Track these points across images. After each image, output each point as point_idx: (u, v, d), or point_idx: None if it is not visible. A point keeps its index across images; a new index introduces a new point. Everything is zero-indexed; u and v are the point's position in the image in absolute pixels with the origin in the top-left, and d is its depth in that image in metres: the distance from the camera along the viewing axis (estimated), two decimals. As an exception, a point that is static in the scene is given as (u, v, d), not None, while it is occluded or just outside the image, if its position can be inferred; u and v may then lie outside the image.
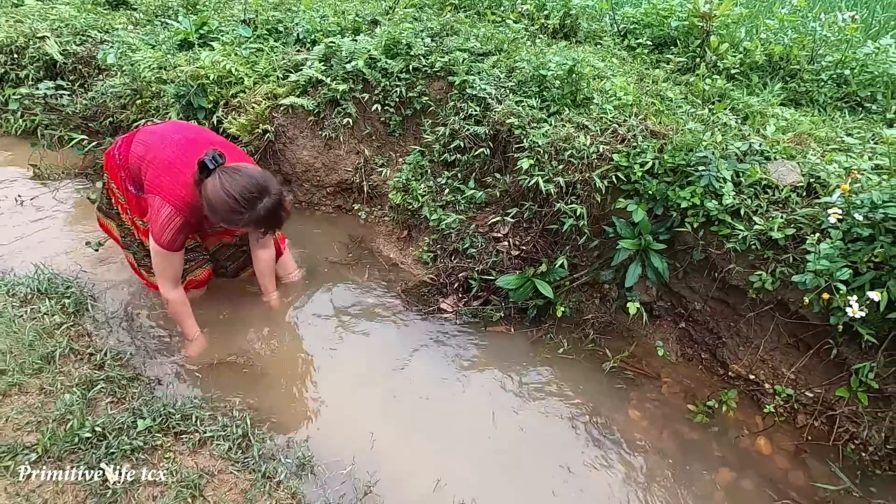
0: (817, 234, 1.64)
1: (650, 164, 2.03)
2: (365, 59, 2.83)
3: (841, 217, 1.56)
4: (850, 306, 1.46)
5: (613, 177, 2.12)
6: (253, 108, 2.83)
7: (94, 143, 3.06)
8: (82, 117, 3.23)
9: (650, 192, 2.04)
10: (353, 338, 2.26)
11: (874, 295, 1.44)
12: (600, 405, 2.05)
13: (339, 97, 2.83)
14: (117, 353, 2.01)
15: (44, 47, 3.49)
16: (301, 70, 2.91)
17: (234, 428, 1.74)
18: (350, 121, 2.83)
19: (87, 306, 2.23)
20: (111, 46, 3.35)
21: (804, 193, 1.80)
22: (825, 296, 1.57)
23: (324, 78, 2.84)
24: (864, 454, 1.86)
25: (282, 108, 2.88)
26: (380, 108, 2.81)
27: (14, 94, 3.43)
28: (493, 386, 2.09)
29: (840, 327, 1.60)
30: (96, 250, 2.56)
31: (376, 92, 2.83)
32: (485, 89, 2.57)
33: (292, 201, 3.16)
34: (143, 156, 1.89)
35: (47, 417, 1.66)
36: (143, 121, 2.96)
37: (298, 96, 2.85)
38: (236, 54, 3.05)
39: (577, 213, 2.18)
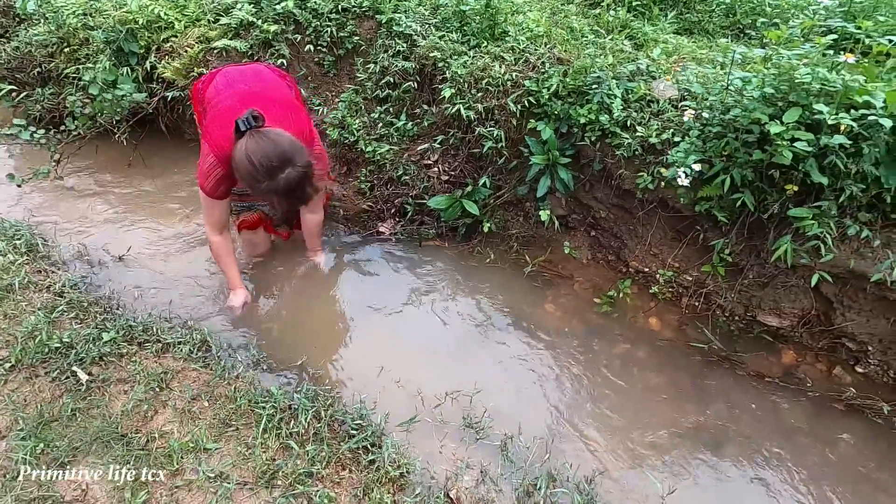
0: (684, 135, 1.96)
1: (555, 87, 2.28)
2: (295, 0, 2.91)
3: (695, 115, 1.87)
4: (680, 176, 1.79)
5: (525, 101, 2.37)
6: (186, 51, 2.88)
7: (24, 94, 3.04)
8: (7, 68, 3.17)
9: (556, 113, 2.30)
10: (302, 259, 2.47)
11: (696, 166, 1.78)
12: (521, 302, 2.37)
13: (271, 39, 2.91)
14: (75, 283, 2.15)
15: (-46, -3, 3.34)
16: (231, 13, 2.96)
17: (193, 335, 1.96)
18: (284, 62, 2.93)
19: (38, 247, 2.34)
20: (29, -6, 3.25)
21: (678, 104, 2.10)
22: (662, 170, 1.92)
23: (255, 20, 2.91)
24: (731, 323, 2.27)
25: (215, 52, 2.94)
26: (312, 48, 2.92)
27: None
28: (427, 291, 2.37)
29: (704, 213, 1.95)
30: (19, 185, 2.59)
31: (308, 33, 2.93)
32: (410, 26, 2.73)
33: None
34: (211, 98, 1.91)
35: (15, 335, 1.82)
36: (74, 68, 2.96)
37: (231, 39, 2.91)
38: (164, -2, 3.05)
39: (496, 136, 2.42)
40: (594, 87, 2.17)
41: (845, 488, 1.74)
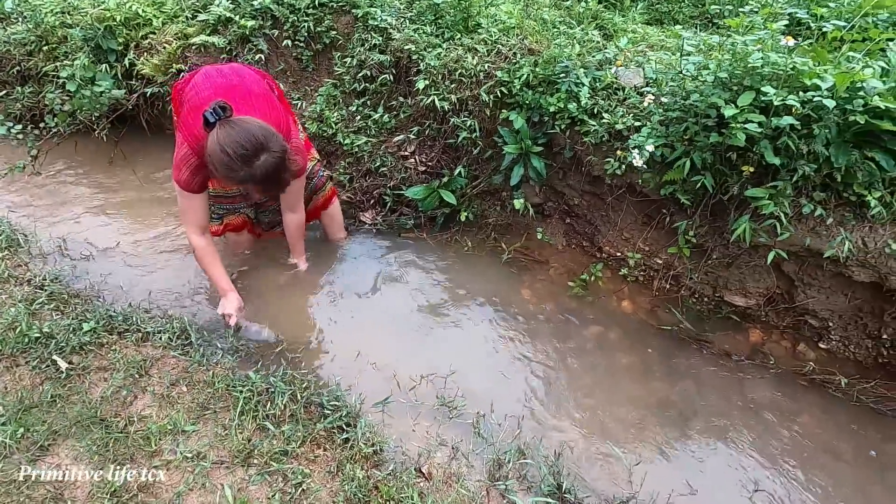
0: (646, 121, 2.02)
1: (526, 77, 2.34)
2: (272, -5, 2.94)
3: (655, 100, 1.93)
4: (635, 157, 1.85)
5: (498, 91, 2.42)
6: (164, 48, 2.91)
7: (3, 93, 3.06)
8: (-13, 68, 3.19)
9: (528, 102, 2.35)
10: (284, 246, 2.49)
11: (650, 147, 1.85)
12: (497, 288, 2.42)
13: (248, 34, 2.94)
14: (55, 277, 2.19)
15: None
16: (209, 9, 2.99)
17: (172, 323, 2.00)
18: (262, 57, 2.97)
19: (18, 241, 2.37)
20: (7, -7, 3.26)
21: (644, 91, 2.16)
22: (619, 152, 1.98)
23: (232, 16, 2.94)
24: (700, 304, 2.34)
25: (194, 48, 2.97)
26: (290, 43, 2.95)
27: None
28: (405, 279, 2.42)
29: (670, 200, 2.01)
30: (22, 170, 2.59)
31: (286, 28, 2.96)
32: (385, 20, 2.77)
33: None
34: (187, 93, 1.90)
35: (-5, 326, 1.86)
36: (53, 66, 2.98)
37: (209, 35, 2.94)
38: (142, -5, 3.08)
39: (470, 127, 2.48)
40: (562, 76, 2.22)
41: (807, 458, 1.81)
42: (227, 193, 2.15)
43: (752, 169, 1.82)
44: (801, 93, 1.65)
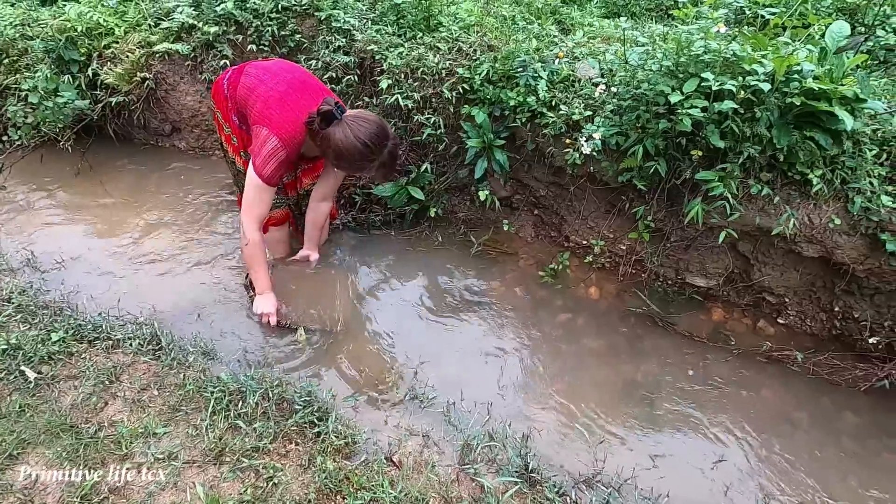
0: (601, 112, 2.08)
1: (486, 72, 2.39)
2: (234, 1, 2.95)
3: (605, 90, 1.99)
4: (583, 144, 1.92)
5: (460, 88, 2.46)
6: (127, 56, 2.90)
7: (-35, 108, 3.02)
8: (-53, 83, 3.14)
9: (489, 97, 2.40)
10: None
11: (597, 135, 1.91)
12: (468, 280, 2.47)
13: (213, 40, 2.95)
14: (23, 289, 2.18)
15: None
16: (172, 16, 2.99)
17: (143, 329, 2.01)
18: (227, 63, 2.98)
19: (-18, 256, 2.35)
20: (-35, 7, 3.22)
21: (597, 82, 2.22)
22: (568, 141, 2.05)
23: (196, 22, 2.95)
24: (665, 287, 2.41)
25: (158, 56, 2.97)
26: (255, 48, 2.97)
27: None
28: (375, 275, 2.45)
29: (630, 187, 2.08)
30: None
31: (250, 33, 2.97)
32: (348, 21, 2.81)
33: (186, 147, 3.30)
34: (252, 87, 1.90)
35: (-39, 340, 1.85)
36: (14, 79, 2.96)
37: (172, 42, 2.94)
38: (103, 5, 3.07)
39: (434, 123, 2.52)
40: (520, 70, 2.27)
41: (767, 428, 1.89)
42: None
43: (701, 153, 1.89)
44: (740, 78, 1.72)
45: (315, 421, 1.71)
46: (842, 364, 2.05)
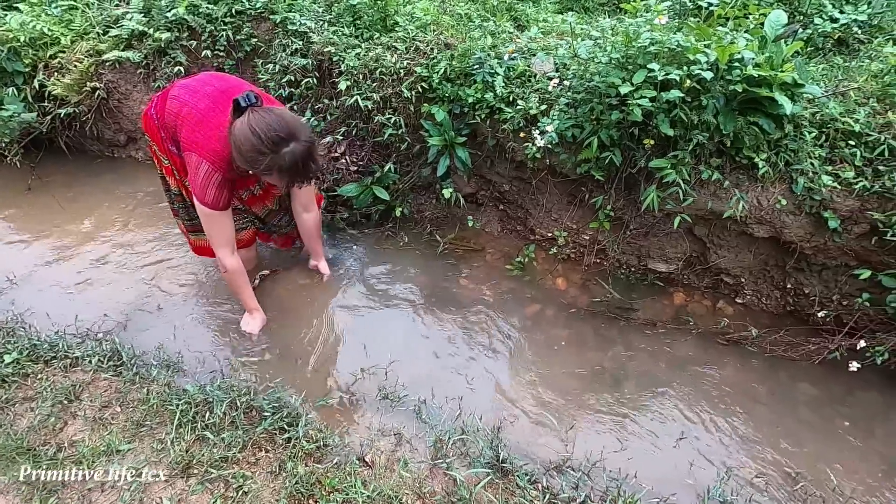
0: (556, 105, 2.12)
1: (444, 70, 2.40)
2: (186, 5, 2.89)
3: (558, 83, 2.03)
4: (537, 137, 1.96)
5: (419, 87, 2.47)
6: (76, 66, 2.81)
7: None
8: None
9: (448, 95, 2.42)
10: (304, 272, 2.43)
11: (549, 127, 1.95)
12: (436, 278, 2.48)
13: (165, 47, 2.89)
14: (-28, 312, 2.09)
15: None
16: (121, 23, 2.91)
17: (102, 345, 1.95)
18: (182, 69, 2.92)
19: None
20: None
21: (551, 76, 2.26)
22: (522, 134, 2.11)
23: (146, 29, 2.88)
24: (628, 275, 2.47)
25: (108, 64, 2.89)
26: (210, 54, 2.91)
27: None
28: (344, 276, 2.44)
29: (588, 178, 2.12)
30: None
31: (204, 38, 2.92)
32: (304, 24, 2.78)
33: (143, 158, 3.22)
34: (177, 112, 1.79)
35: None
36: None
37: (123, 50, 2.87)
38: (47, 14, 2.96)
39: (395, 123, 2.52)
40: (477, 67, 2.30)
41: (728, 403, 1.96)
42: (236, 206, 2.07)
43: (653, 142, 1.94)
44: (686, 67, 1.78)
45: (285, 427, 1.70)
46: (796, 340, 2.14)
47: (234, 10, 2.91)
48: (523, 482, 1.57)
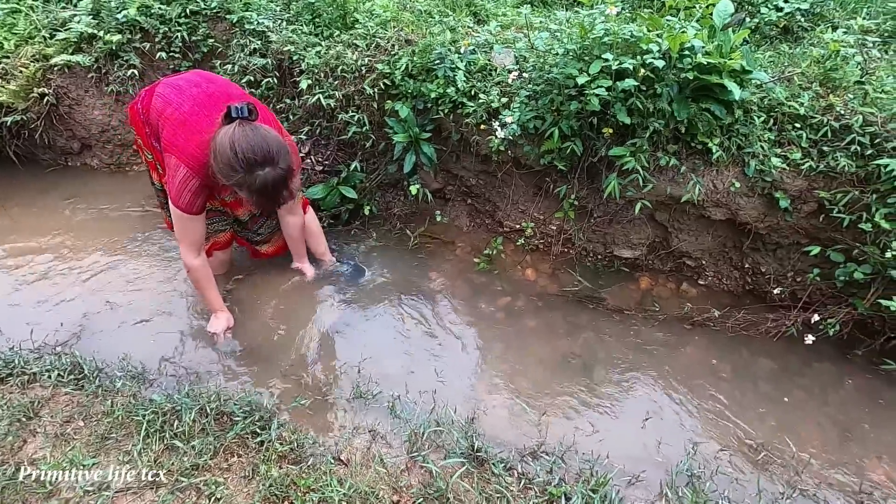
0: (517, 97, 2.15)
1: (406, 67, 2.40)
2: (137, 6, 2.81)
3: (518, 77, 2.06)
4: (498, 129, 1.99)
5: (381, 84, 2.47)
6: (21, 72, 2.70)
7: None
8: None
9: (410, 91, 2.42)
10: (287, 272, 2.39)
11: (508, 119, 1.99)
12: (407, 274, 2.48)
13: (117, 49, 2.80)
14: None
15: None
16: (69, 26, 2.81)
17: (62, 359, 1.88)
18: (136, 72, 2.83)
19: None
20: None
21: (511, 69, 2.29)
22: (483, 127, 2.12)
23: (96, 31, 2.78)
24: (595, 262, 2.53)
25: (56, 69, 2.78)
26: (165, 56, 2.84)
27: None
28: (313, 278, 2.42)
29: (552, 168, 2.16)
30: None
31: (158, 40, 2.84)
32: (262, 23, 2.74)
33: (99, 165, 3.11)
34: (161, 111, 1.77)
35: None
36: None
37: (72, 54, 2.76)
38: (-13, 18, 2.83)
39: (358, 121, 2.51)
40: (438, 63, 2.30)
41: (693, 383, 2.02)
42: (214, 207, 2.04)
43: (611, 130, 1.99)
44: (639, 57, 1.83)
45: (257, 430, 1.67)
46: (756, 318, 2.22)
47: (188, 11, 2.84)
48: (498, 469, 1.59)
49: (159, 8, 2.81)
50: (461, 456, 1.63)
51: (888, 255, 1.78)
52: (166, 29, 2.82)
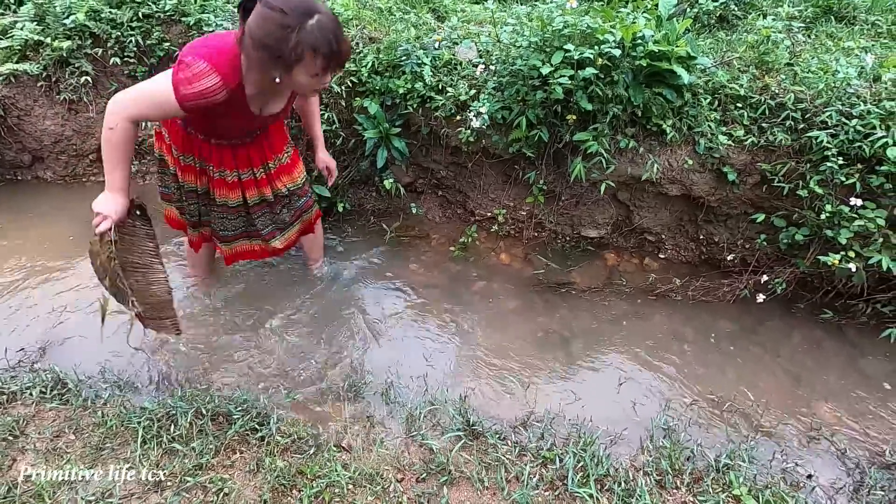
0: (484, 89, 2.25)
1: (372, 64, 2.45)
2: (85, 11, 2.71)
3: (485, 70, 2.16)
4: (472, 119, 2.09)
5: (348, 81, 2.50)
6: (-37, 83, 2.56)
7: None
8: None
9: (378, 88, 2.47)
10: None
11: (483, 109, 2.10)
12: (385, 267, 2.54)
13: (67, 56, 2.70)
14: None
15: None
16: (11, 34, 2.68)
17: (42, 376, 1.84)
18: (89, 79, 2.74)
19: None
20: None
21: (476, 63, 2.38)
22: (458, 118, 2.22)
23: (42, 38, 2.67)
24: (564, 244, 2.67)
25: (1, 79, 2.66)
26: (119, 61, 2.76)
27: None
28: (293, 273, 2.43)
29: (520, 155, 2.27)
30: None
31: (110, 45, 2.76)
32: (221, 25, 2.71)
33: (53, 178, 2.99)
34: (189, 57, 1.47)
35: None
36: None
37: (17, 62, 2.65)
38: (-82, 27, 2.67)
39: (327, 119, 2.54)
40: (404, 59, 2.37)
41: (661, 348, 2.19)
42: (228, 203, 1.90)
43: (574, 117, 2.12)
44: (596, 47, 1.96)
45: (256, 427, 1.70)
46: (713, 284, 2.42)
47: (140, 14, 2.77)
48: (494, 440, 1.69)
49: (109, 12, 2.73)
50: (458, 431, 1.72)
51: (822, 216, 1.99)
52: (118, 34, 2.74)
